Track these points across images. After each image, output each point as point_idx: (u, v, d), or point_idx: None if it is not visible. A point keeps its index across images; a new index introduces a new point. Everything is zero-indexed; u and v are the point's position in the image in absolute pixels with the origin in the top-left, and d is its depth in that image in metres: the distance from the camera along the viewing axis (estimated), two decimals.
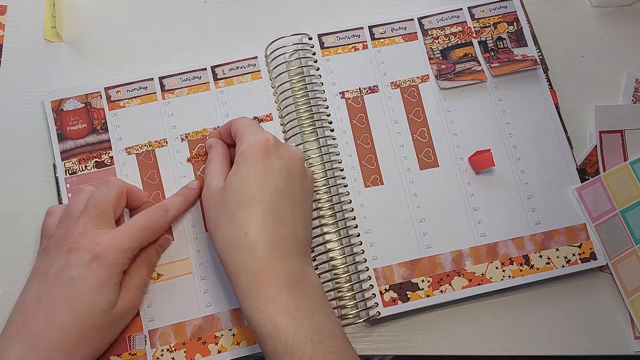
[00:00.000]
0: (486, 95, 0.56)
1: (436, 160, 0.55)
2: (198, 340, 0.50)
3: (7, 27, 0.58)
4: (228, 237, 0.45)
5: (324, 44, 0.57)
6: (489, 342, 0.52)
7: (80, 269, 0.44)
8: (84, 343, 0.44)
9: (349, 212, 0.53)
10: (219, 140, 0.52)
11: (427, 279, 0.52)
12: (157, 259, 0.51)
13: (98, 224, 0.47)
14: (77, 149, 0.54)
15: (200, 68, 0.56)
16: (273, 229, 0.45)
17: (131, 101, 0.55)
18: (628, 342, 0.52)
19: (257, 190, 0.46)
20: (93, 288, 0.44)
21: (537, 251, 0.53)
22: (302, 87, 0.55)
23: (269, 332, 0.41)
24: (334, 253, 0.52)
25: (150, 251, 0.50)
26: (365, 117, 0.55)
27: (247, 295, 0.43)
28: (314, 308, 0.43)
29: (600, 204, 0.54)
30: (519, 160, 0.55)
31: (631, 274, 0.52)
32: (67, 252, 0.45)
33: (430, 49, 0.57)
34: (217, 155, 0.51)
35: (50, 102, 0.55)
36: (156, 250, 0.51)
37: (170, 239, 0.52)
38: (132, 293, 0.47)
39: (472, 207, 0.54)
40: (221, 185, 0.48)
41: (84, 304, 0.44)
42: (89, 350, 0.45)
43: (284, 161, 0.47)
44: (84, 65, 0.57)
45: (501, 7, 0.59)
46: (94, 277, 0.44)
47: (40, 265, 0.47)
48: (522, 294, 0.53)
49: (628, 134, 0.56)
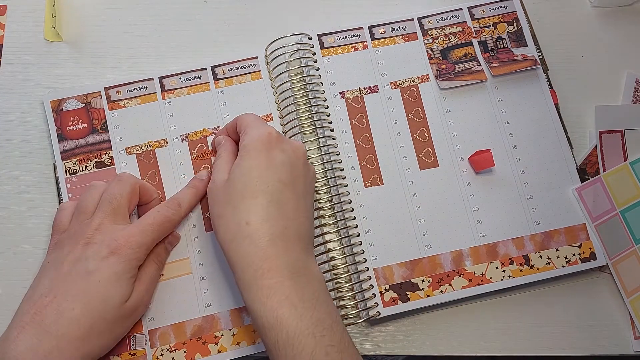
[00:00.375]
0: (486, 95, 0.56)
1: (436, 160, 0.55)
2: (198, 340, 0.50)
3: (7, 27, 0.58)
4: (231, 227, 0.45)
5: (324, 44, 0.57)
6: (489, 342, 0.52)
7: (96, 262, 0.45)
8: (94, 336, 0.44)
9: (349, 212, 0.53)
10: (227, 137, 0.53)
11: (427, 279, 0.52)
12: (167, 256, 0.51)
13: (114, 219, 0.47)
14: (77, 149, 0.54)
15: (200, 68, 0.56)
16: (276, 219, 0.45)
17: (131, 101, 0.55)
18: (628, 342, 0.52)
19: (260, 181, 0.46)
20: (108, 281, 0.45)
21: (537, 251, 0.53)
22: (302, 87, 0.55)
23: (270, 324, 0.41)
24: (334, 253, 0.52)
25: (159, 249, 0.50)
26: (365, 117, 0.55)
27: (249, 286, 0.43)
28: (316, 300, 0.43)
29: (600, 204, 0.54)
30: (519, 160, 0.55)
31: (631, 274, 0.52)
32: (84, 246, 0.46)
33: (430, 49, 0.57)
34: (225, 152, 0.51)
35: (50, 102, 0.55)
36: (165, 247, 0.51)
37: (179, 237, 0.52)
38: (143, 289, 0.48)
39: (472, 207, 0.54)
40: (226, 177, 0.48)
41: (98, 297, 0.44)
42: (98, 344, 0.45)
43: (287, 154, 0.48)
44: (84, 65, 0.58)
45: (501, 7, 0.59)
46: (110, 271, 0.45)
47: (54, 257, 0.47)
48: (522, 294, 0.53)
49: (628, 134, 0.56)
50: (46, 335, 0.43)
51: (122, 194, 0.48)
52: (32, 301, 0.45)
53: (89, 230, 0.46)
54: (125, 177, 0.50)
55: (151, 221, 0.48)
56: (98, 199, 0.49)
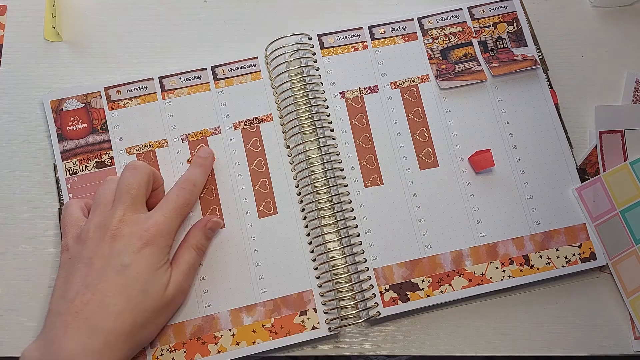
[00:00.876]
0: (486, 95, 0.56)
1: (436, 160, 0.55)
2: (198, 340, 0.50)
3: (7, 27, 0.58)
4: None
5: (323, 44, 0.57)
6: (489, 342, 0.52)
7: (130, 255, 0.45)
8: (138, 328, 0.45)
9: (349, 212, 0.53)
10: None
11: (427, 279, 0.52)
12: (208, 243, 0.51)
13: (134, 208, 0.48)
14: (77, 149, 0.54)
15: (200, 68, 0.56)
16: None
17: (131, 101, 0.55)
18: (628, 342, 0.52)
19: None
20: (147, 273, 0.45)
21: (537, 251, 0.53)
22: (302, 87, 0.55)
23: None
24: (334, 253, 0.52)
25: (198, 235, 0.50)
26: (365, 117, 0.55)
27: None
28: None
29: (600, 204, 0.54)
30: (519, 160, 0.55)
31: (631, 274, 0.52)
32: (111, 239, 0.46)
33: (430, 49, 0.57)
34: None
35: (50, 102, 0.55)
36: (205, 234, 0.51)
37: (220, 223, 0.52)
38: (181, 277, 0.48)
39: (472, 207, 0.54)
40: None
41: (139, 289, 0.45)
42: (143, 335, 0.46)
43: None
44: (84, 65, 0.58)
45: (501, 7, 0.59)
46: (147, 263, 0.46)
47: (77, 253, 0.47)
48: (522, 294, 0.53)
49: (628, 134, 0.56)
50: (94, 332, 0.43)
51: (140, 182, 0.48)
52: (67, 300, 0.44)
53: (112, 223, 0.46)
54: (139, 165, 0.49)
55: (173, 205, 0.49)
56: (115, 189, 0.49)
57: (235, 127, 0.55)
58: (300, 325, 0.50)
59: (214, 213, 0.53)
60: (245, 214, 0.53)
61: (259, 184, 0.54)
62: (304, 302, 0.51)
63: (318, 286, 0.51)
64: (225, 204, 0.53)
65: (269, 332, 0.50)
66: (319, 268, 0.51)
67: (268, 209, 0.53)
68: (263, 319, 0.50)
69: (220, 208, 0.53)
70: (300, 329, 0.50)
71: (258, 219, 0.53)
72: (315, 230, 0.52)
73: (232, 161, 0.54)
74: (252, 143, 0.55)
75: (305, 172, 0.53)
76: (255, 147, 0.55)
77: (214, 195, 0.53)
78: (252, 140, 0.55)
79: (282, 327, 0.50)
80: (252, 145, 0.55)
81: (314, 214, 0.52)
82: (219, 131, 0.55)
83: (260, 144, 0.55)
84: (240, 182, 0.54)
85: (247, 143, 0.55)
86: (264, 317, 0.50)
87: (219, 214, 0.53)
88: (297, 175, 0.54)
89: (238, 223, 0.53)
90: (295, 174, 0.54)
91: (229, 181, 0.54)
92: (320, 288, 0.51)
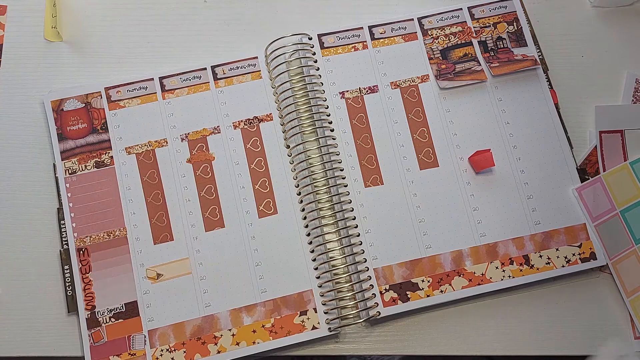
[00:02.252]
0: (486, 95, 0.56)
1: (436, 160, 0.55)
2: (197, 340, 0.50)
3: (7, 27, 0.58)
4: None
5: (324, 44, 0.57)
6: (489, 342, 0.52)
7: None
8: None
9: (349, 212, 0.53)
10: None
11: (427, 279, 0.52)
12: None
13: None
14: (77, 149, 0.54)
15: (200, 68, 0.56)
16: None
17: (131, 101, 0.55)
18: (628, 342, 0.52)
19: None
20: None
21: (537, 251, 0.53)
22: (302, 87, 0.55)
23: None
24: (334, 253, 0.52)
25: None
26: (365, 117, 0.55)
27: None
28: None
29: (600, 204, 0.54)
30: (519, 160, 0.55)
31: (631, 274, 0.52)
32: None
33: (430, 49, 0.57)
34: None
35: (50, 101, 0.55)
36: None
37: None
38: None
39: (472, 207, 0.54)
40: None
41: None
42: None
43: None
44: (84, 65, 0.58)
45: (501, 7, 0.59)
46: None
47: None
48: (522, 294, 0.53)
49: (628, 134, 0.56)
50: None
51: None
52: None
53: None
54: None
55: None
56: None
57: (235, 126, 0.55)
58: (300, 325, 0.50)
59: (214, 213, 0.53)
60: (245, 214, 0.53)
61: (259, 184, 0.54)
62: (304, 302, 0.51)
63: (318, 286, 0.51)
64: (225, 203, 0.53)
65: (269, 332, 0.50)
66: (319, 268, 0.51)
67: (268, 208, 0.53)
68: (263, 319, 0.50)
69: (220, 208, 0.53)
70: (300, 329, 0.50)
71: (258, 219, 0.53)
72: (315, 230, 0.52)
73: (232, 161, 0.54)
74: (252, 143, 0.55)
75: (305, 172, 0.53)
76: (255, 147, 0.55)
77: (213, 195, 0.53)
78: (252, 139, 0.55)
79: (282, 327, 0.50)
80: (252, 145, 0.55)
81: (314, 214, 0.52)
82: (218, 130, 0.55)
83: (260, 143, 0.55)
84: (240, 181, 0.54)
85: (247, 143, 0.55)
86: (264, 317, 0.50)
87: (218, 214, 0.53)
88: (297, 175, 0.54)
89: (238, 223, 0.53)
90: (295, 174, 0.54)
91: (228, 181, 0.54)
92: (320, 288, 0.51)
